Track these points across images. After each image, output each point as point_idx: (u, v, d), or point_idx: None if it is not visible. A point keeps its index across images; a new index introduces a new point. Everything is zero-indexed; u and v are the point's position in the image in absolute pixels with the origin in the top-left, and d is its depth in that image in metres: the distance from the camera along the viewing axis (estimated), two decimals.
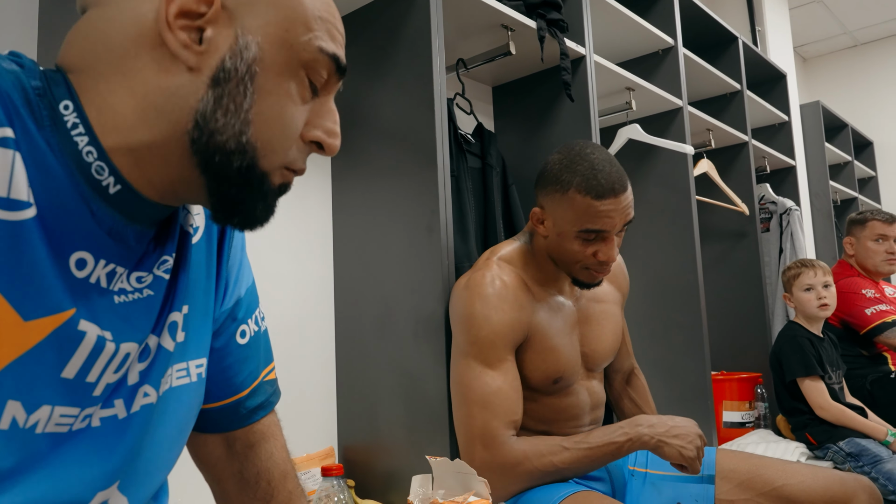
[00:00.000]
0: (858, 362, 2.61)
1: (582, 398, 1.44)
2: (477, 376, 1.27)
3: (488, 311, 1.28)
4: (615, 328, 1.52)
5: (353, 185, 1.65)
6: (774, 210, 3.20)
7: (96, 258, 0.58)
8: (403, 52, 1.56)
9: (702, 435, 1.27)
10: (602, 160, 1.29)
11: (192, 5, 0.56)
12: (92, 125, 0.57)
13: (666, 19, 2.48)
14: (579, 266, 1.34)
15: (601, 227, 1.27)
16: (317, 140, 0.64)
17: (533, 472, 1.24)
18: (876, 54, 5.02)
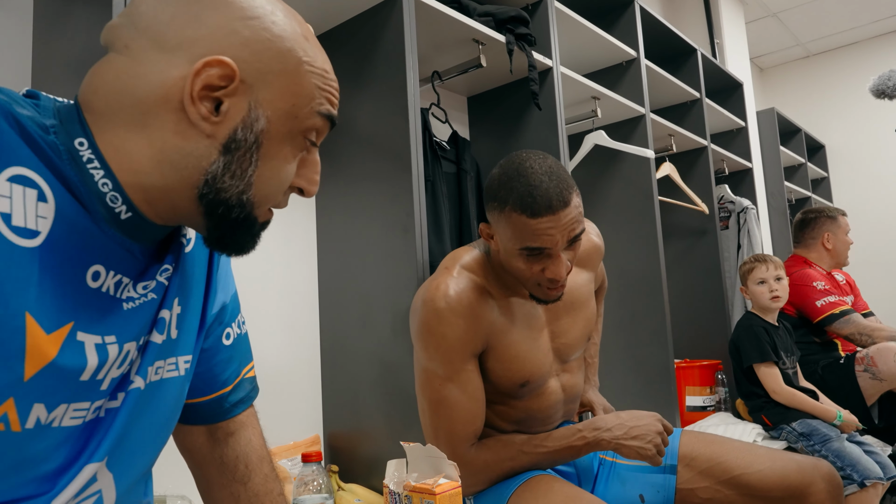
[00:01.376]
0: (811, 349, 2.63)
1: (554, 398, 1.35)
2: (436, 389, 1.21)
3: (443, 327, 1.18)
4: (589, 313, 1.40)
5: (334, 189, 1.65)
6: (733, 209, 3.22)
7: (107, 269, 0.62)
8: (380, 65, 1.56)
9: (662, 431, 1.23)
10: (540, 174, 1.12)
11: (215, 81, 0.59)
12: (108, 161, 0.60)
13: (629, 33, 2.49)
14: (531, 283, 1.21)
15: (541, 244, 1.13)
16: (300, 187, 0.70)
17: (493, 477, 1.24)
18: (827, 64, 5.07)
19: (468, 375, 1.22)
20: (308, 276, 1.66)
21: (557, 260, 1.15)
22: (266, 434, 1.50)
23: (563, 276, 1.17)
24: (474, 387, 1.23)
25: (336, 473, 1.47)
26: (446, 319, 1.18)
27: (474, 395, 1.23)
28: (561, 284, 1.20)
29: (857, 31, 4.73)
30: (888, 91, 1.48)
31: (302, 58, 0.64)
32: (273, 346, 1.56)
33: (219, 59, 0.59)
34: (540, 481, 1.19)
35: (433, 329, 1.19)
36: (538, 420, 1.35)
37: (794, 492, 1.28)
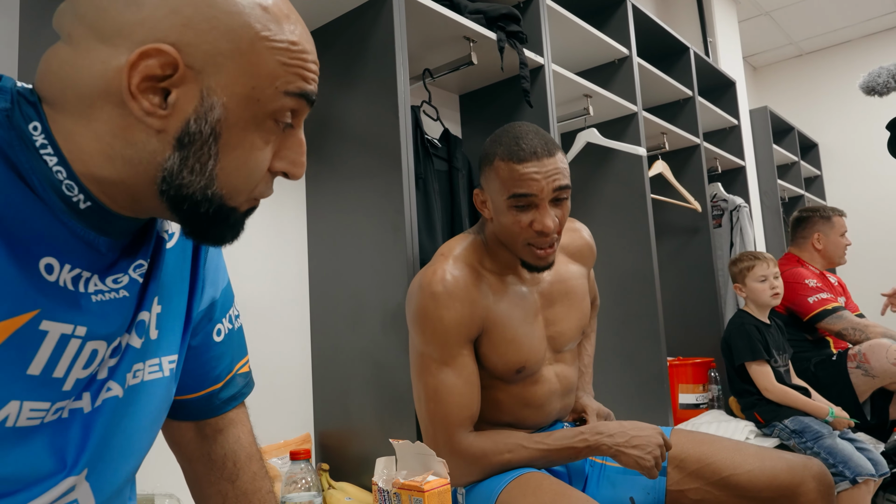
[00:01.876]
0: (803, 346, 2.64)
1: (550, 385, 1.36)
2: (432, 373, 1.22)
3: (440, 310, 1.20)
4: (582, 305, 1.42)
5: (325, 187, 1.64)
6: (725, 207, 3.23)
7: (62, 263, 0.57)
8: (370, 62, 1.56)
9: (661, 444, 1.22)
10: (526, 131, 1.22)
11: (156, 71, 0.54)
12: (61, 149, 0.56)
13: (621, 31, 2.49)
14: (521, 243, 1.23)
15: (527, 190, 1.17)
16: (283, 171, 0.64)
17: (489, 468, 1.23)
18: (820, 63, 5.08)
19: (464, 360, 1.24)
20: (299, 274, 1.65)
21: (544, 211, 1.19)
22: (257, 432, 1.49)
23: (550, 228, 1.20)
24: (469, 371, 1.24)
25: (326, 472, 1.46)
26: (443, 303, 1.20)
27: (470, 380, 1.24)
28: (550, 245, 1.23)
29: (850, 29, 4.75)
30: (878, 88, 1.48)
31: (259, 33, 0.57)
32: (264, 344, 1.55)
33: (156, 48, 0.53)
34: (531, 478, 1.19)
35: (430, 312, 1.21)
36: (534, 409, 1.35)
37: (784, 491, 1.26)
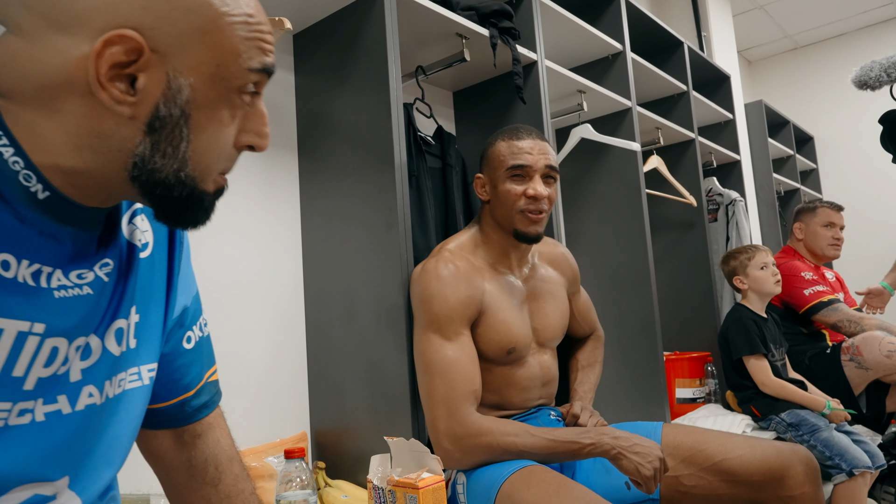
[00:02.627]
0: (799, 339, 2.64)
1: (533, 371, 1.47)
2: (437, 349, 1.29)
3: (444, 290, 1.32)
4: (561, 307, 1.57)
5: (318, 185, 1.64)
6: (721, 201, 3.23)
7: (18, 259, 0.56)
8: (362, 60, 1.56)
9: (663, 459, 1.24)
10: (523, 125, 1.47)
11: (121, 58, 0.53)
12: (18, 140, 0.54)
13: (615, 26, 2.49)
14: (515, 211, 1.40)
15: (524, 161, 1.40)
16: (249, 144, 0.64)
17: (493, 447, 1.24)
18: (815, 56, 5.08)
19: (466, 339, 1.33)
20: (293, 272, 1.65)
21: (537, 180, 1.40)
22: (252, 432, 1.50)
23: (541, 194, 1.40)
24: (471, 349, 1.34)
25: (323, 470, 1.47)
26: (448, 283, 1.33)
27: (472, 357, 1.33)
28: (540, 211, 1.41)
29: (844, 22, 4.75)
30: (870, 83, 1.49)
31: (219, 9, 0.56)
32: (259, 342, 1.55)
33: (119, 34, 0.52)
34: (533, 470, 1.20)
35: (436, 292, 1.32)
36: (517, 391, 1.44)
37: (773, 475, 1.32)
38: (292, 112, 1.71)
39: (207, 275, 1.47)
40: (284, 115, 1.69)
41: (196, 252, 1.44)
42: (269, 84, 1.66)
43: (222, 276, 1.51)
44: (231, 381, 1.48)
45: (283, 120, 1.69)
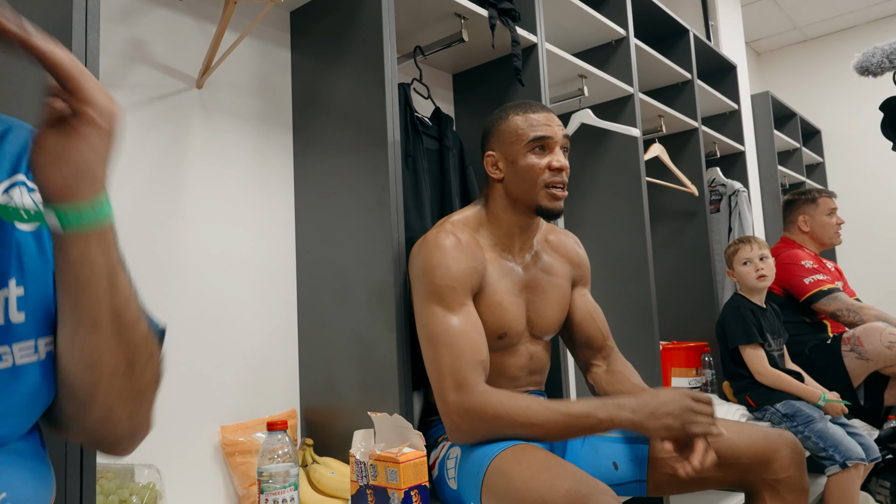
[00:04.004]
0: (800, 329, 2.63)
1: (523, 359, 1.45)
2: (441, 320, 1.27)
3: (447, 260, 1.30)
4: (562, 299, 1.52)
5: (312, 163, 1.64)
6: (724, 192, 3.21)
7: None
8: (358, 38, 1.55)
9: (695, 399, 1.19)
10: (528, 100, 1.45)
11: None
12: None
13: (618, 11, 2.47)
14: (539, 185, 1.38)
15: (544, 132, 1.38)
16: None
17: (504, 419, 1.19)
18: (824, 48, 5.03)
19: (470, 310, 1.31)
20: (286, 249, 1.65)
21: (558, 151, 1.39)
22: (243, 408, 1.51)
23: (565, 165, 1.38)
24: (475, 319, 1.31)
25: (310, 447, 1.47)
26: (451, 254, 1.31)
27: (477, 327, 1.30)
28: (563, 185, 1.39)
29: (855, 14, 4.69)
30: (872, 68, 1.46)
31: None
32: (251, 319, 1.55)
33: None
34: (524, 448, 1.18)
35: (438, 262, 1.29)
36: (506, 379, 1.43)
37: (760, 458, 1.33)
38: (288, 89, 1.70)
39: (200, 250, 1.47)
40: (280, 92, 1.68)
41: (189, 226, 1.45)
42: (265, 62, 1.66)
43: (215, 252, 1.51)
44: (222, 357, 1.49)
45: (279, 97, 1.68)
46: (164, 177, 1.43)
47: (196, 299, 1.45)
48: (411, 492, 1.03)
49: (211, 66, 1.45)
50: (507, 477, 1.11)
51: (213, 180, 1.52)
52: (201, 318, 1.46)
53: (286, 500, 1.07)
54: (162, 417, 1.35)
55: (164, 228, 1.41)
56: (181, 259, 1.44)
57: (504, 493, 1.10)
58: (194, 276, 1.46)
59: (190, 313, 1.44)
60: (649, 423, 1.18)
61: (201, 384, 1.44)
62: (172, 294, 1.41)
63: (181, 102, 1.47)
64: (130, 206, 1.36)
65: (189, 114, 1.49)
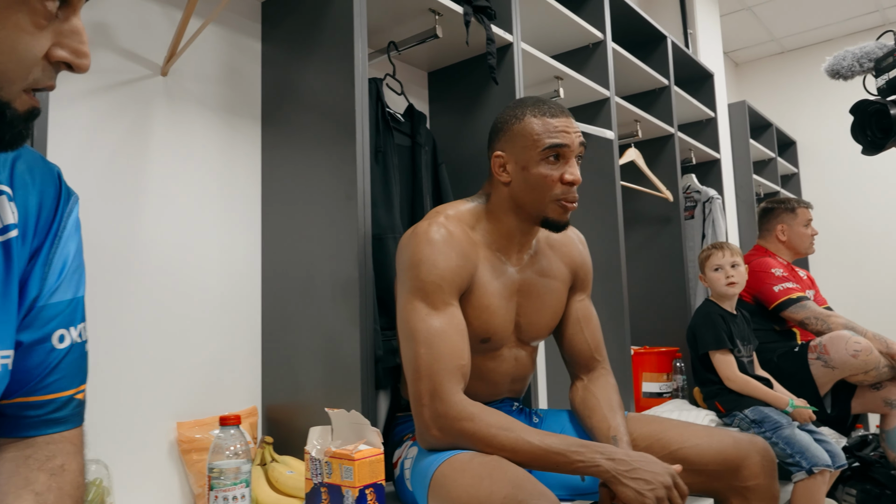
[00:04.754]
0: (770, 337, 2.64)
1: (506, 366, 1.40)
2: (422, 318, 1.20)
3: (435, 255, 1.23)
4: (556, 305, 1.45)
5: (281, 155, 1.61)
6: (699, 199, 3.22)
7: None
8: (330, 31, 1.53)
9: (671, 486, 1.09)
10: (546, 99, 1.33)
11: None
12: None
13: (596, 15, 2.47)
14: (550, 198, 1.29)
15: (561, 140, 1.27)
16: (64, 60, 0.61)
17: (474, 435, 1.14)
18: (801, 61, 5.09)
19: (454, 311, 1.24)
20: (251, 243, 1.62)
21: (573, 163, 1.30)
22: (202, 404, 1.47)
23: (580, 179, 1.30)
24: (459, 321, 1.24)
25: (270, 445, 1.44)
26: (439, 249, 1.23)
27: (460, 330, 1.23)
28: (575, 199, 1.31)
29: (831, 28, 4.76)
30: (842, 72, 1.47)
31: None
32: (213, 313, 1.52)
33: None
34: (472, 456, 1.14)
35: (426, 256, 1.22)
36: (486, 384, 1.37)
37: (729, 465, 1.29)
38: (257, 80, 1.67)
39: (161, 242, 1.44)
40: (249, 83, 1.65)
41: (149, 217, 1.41)
42: (234, 51, 1.63)
43: (177, 244, 1.47)
44: (182, 351, 1.45)
45: (248, 88, 1.65)
46: (125, 165, 1.39)
47: (156, 291, 1.42)
48: (366, 490, 1.00)
49: (176, 52, 1.41)
50: (450, 486, 1.08)
51: (176, 170, 1.48)
52: (160, 310, 1.42)
53: (237, 497, 1.04)
54: (114, 411, 1.31)
55: (123, 219, 1.38)
56: (141, 250, 1.40)
57: (447, 501, 1.07)
58: (154, 267, 1.42)
59: (149, 305, 1.40)
60: (624, 480, 1.09)
61: (158, 378, 1.40)
62: (131, 286, 1.38)
63: (144, 89, 1.44)
64: (88, 195, 1.32)
65: (152, 101, 1.45)
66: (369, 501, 1.00)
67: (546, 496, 0.99)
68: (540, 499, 0.97)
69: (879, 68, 1.34)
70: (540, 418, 1.52)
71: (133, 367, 1.36)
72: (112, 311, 1.34)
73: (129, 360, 1.35)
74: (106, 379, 1.31)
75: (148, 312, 1.40)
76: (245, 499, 1.05)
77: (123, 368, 1.34)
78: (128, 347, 1.35)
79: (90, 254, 1.29)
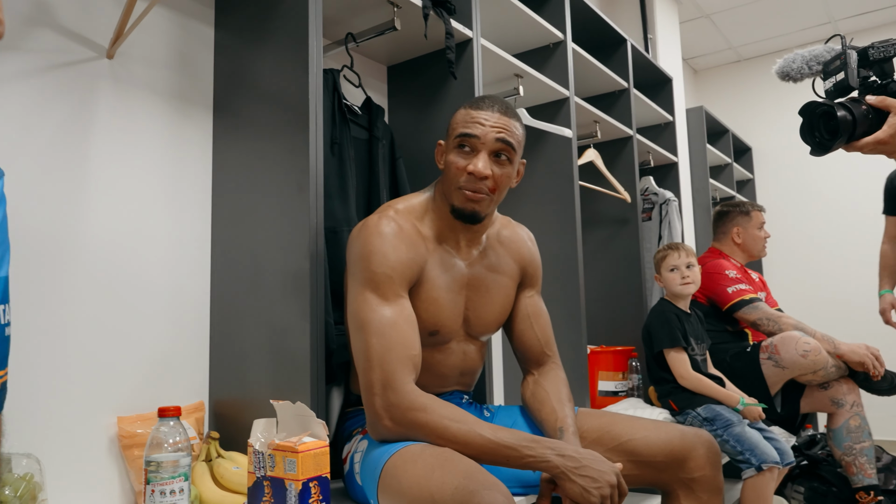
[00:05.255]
0: (723, 337, 2.68)
1: (455, 359, 1.41)
2: (374, 309, 1.21)
3: (385, 248, 1.24)
4: (504, 301, 1.46)
5: (233, 144, 1.57)
6: (656, 201, 3.26)
7: None
8: (284, 19, 1.50)
9: (615, 485, 1.10)
10: (493, 96, 1.36)
11: None
12: None
13: (557, 15, 2.48)
14: (454, 185, 1.31)
15: (472, 131, 1.29)
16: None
17: (427, 426, 1.13)
18: (757, 69, 5.21)
19: (405, 302, 1.25)
20: (200, 233, 1.57)
21: (481, 156, 1.29)
22: (146, 398, 1.42)
23: (480, 172, 1.28)
24: (410, 313, 1.25)
25: (216, 441, 1.40)
26: (390, 241, 1.25)
27: (410, 320, 1.24)
28: (478, 191, 1.29)
29: (786, 37, 4.88)
30: (792, 74, 1.49)
31: None
32: (158, 304, 1.47)
33: None
34: (423, 447, 1.13)
35: (376, 248, 1.24)
36: (434, 377, 1.38)
37: (676, 456, 1.32)
38: (210, 67, 1.63)
39: (103, 230, 1.39)
40: (201, 70, 1.61)
41: (92, 203, 1.36)
42: (186, 37, 1.58)
43: (120, 233, 1.42)
44: (124, 343, 1.40)
45: (200, 74, 1.61)
46: (67, 148, 1.34)
47: (98, 279, 1.37)
48: (310, 483, 0.98)
49: (123, 34, 1.37)
50: (401, 476, 1.07)
51: (121, 156, 1.44)
52: (103, 299, 1.37)
53: (174, 491, 1.00)
54: (48, 404, 1.26)
55: (63, 203, 1.32)
56: (82, 238, 1.35)
57: (398, 492, 1.06)
58: (96, 254, 1.37)
59: (90, 294, 1.35)
60: (572, 477, 1.10)
61: (98, 371, 1.35)
62: (70, 272, 1.32)
63: (89, 71, 1.39)
64: (25, 180, 1.27)
65: (97, 84, 1.40)
66: (313, 495, 0.98)
67: (497, 487, 0.98)
68: (491, 489, 0.96)
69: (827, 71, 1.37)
70: (491, 413, 1.52)
71: (71, 358, 1.31)
72: (49, 298, 1.28)
73: (66, 349, 1.30)
74: (40, 369, 1.25)
75: (89, 301, 1.35)
76: (184, 493, 1.02)
77: (60, 359, 1.29)
78: (65, 336, 1.30)
79: (26, 238, 1.25)
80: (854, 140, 1.24)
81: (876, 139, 1.21)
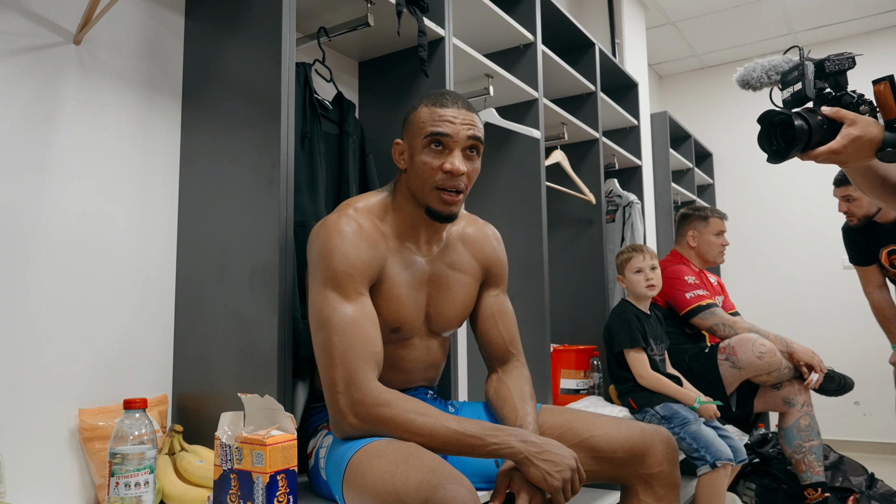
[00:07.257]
0: (681, 339, 2.75)
1: (418, 354, 1.42)
2: (335, 307, 1.21)
3: (346, 246, 1.24)
4: (466, 298, 1.47)
5: (202, 135, 1.56)
6: (620, 203, 3.32)
7: None
8: (257, 10, 1.49)
9: (575, 470, 1.15)
10: (450, 91, 1.35)
11: None
12: None
13: (528, 17, 2.51)
14: (430, 186, 1.30)
15: (443, 129, 1.28)
16: None
17: (392, 421, 1.15)
18: (720, 77, 5.33)
19: (365, 300, 1.26)
20: (166, 224, 1.56)
21: (456, 154, 1.29)
22: (108, 390, 1.40)
23: (459, 170, 1.28)
24: (371, 311, 1.26)
25: (179, 434, 1.39)
26: (350, 240, 1.25)
27: (372, 318, 1.25)
28: (457, 191, 1.30)
29: (748, 47, 5.01)
30: (752, 82, 1.54)
31: None
32: (122, 295, 1.45)
33: None
34: (388, 442, 1.14)
35: (336, 247, 1.24)
36: (399, 372, 1.39)
37: (636, 452, 1.36)
38: (179, 56, 1.61)
39: (66, 219, 1.36)
40: (171, 58, 1.59)
41: (54, 191, 1.34)
42: (155, 25, 1.56)
43: (84, 221, 1.40)
44: (86, 334, 1.38)
45: (169, 63, 1.59)
46: (29, 133, 1.31)
47: (59, 268, 1.34)
48: (278, 476, 0.98)
49: (91, 20, 1.35)
50: (366, 472, 1.08)
51: (86, 143, 1.41)
52: (64, 290, 1.35)
53: (139, 483, 0.99)
54: (5, 395, 1.24)
55: (24, 189, 1.30)
56: (43, 226, 1.32)
57: (363, 486, 1.07)
58: (58, 244, 1.35)
59: (51, 285, 1.33)
60: (535, 462, 1.13)
61: (59, 363, 1.33)
62: (31, 262, 1.30)
63: (54, 57, 1.36)
64: None
65: (63, 70, 1.38)
66: (280, 487, 0.98)
67: (460, 481, 1.00)
68: (454, 483, 0.98)
69: (785, 81, 1.42)
70: (456, 409, 1.54)
71: (30, 348, 1.28)
72: (8, 286, 1.26)
73: (25, 339, 1.27)
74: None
75: (50, 290, 1.32)
76: (149, 485, 1.01)
77: (18, 348, 1.26)
78: (25, 326, 1.27)
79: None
80: (809, 149, 1.29)
81: (830, 149, 1.26)
